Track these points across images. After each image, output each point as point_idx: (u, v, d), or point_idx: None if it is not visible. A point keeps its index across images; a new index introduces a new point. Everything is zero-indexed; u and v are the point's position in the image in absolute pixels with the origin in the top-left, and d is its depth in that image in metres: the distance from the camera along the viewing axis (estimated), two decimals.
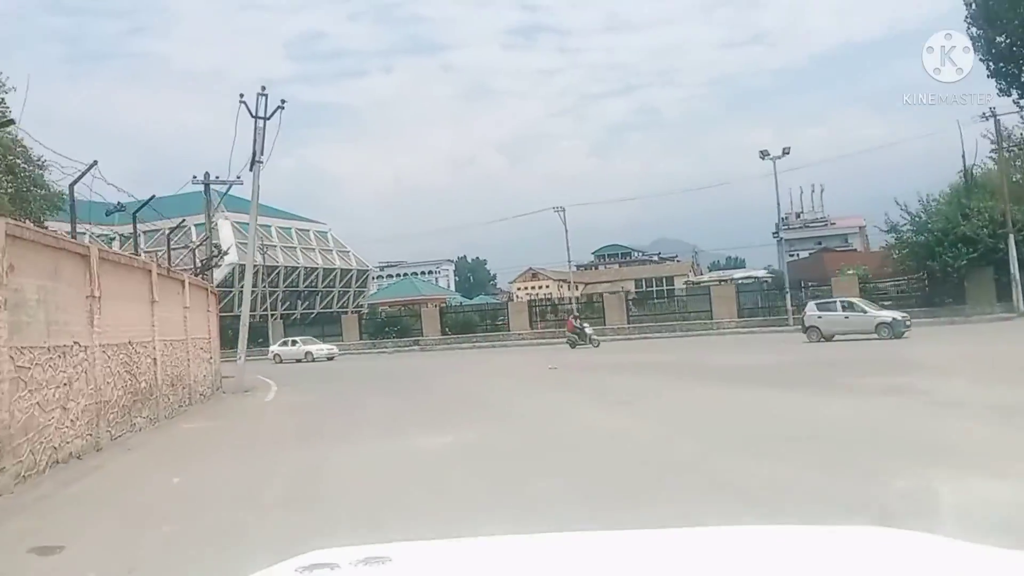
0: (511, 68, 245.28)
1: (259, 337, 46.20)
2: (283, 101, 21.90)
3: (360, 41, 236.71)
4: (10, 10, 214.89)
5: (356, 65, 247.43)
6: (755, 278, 53.35)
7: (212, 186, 28.55)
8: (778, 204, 40.17)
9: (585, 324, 34.95)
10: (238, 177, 26.65)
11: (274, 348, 41.68)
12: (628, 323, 39.37)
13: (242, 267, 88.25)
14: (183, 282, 19.56)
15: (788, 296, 35.87)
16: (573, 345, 34.03)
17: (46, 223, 26.85)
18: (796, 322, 35.15)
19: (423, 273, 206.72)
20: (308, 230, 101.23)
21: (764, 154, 36.71)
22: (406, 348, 40.42)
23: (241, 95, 21.59)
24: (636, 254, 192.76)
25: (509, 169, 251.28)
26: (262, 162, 22.32)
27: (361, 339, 42.12)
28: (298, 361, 39.18)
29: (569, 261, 47.78)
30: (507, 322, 40.90)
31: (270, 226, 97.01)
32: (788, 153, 36.59)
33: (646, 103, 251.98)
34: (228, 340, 48.15)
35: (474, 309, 43.63)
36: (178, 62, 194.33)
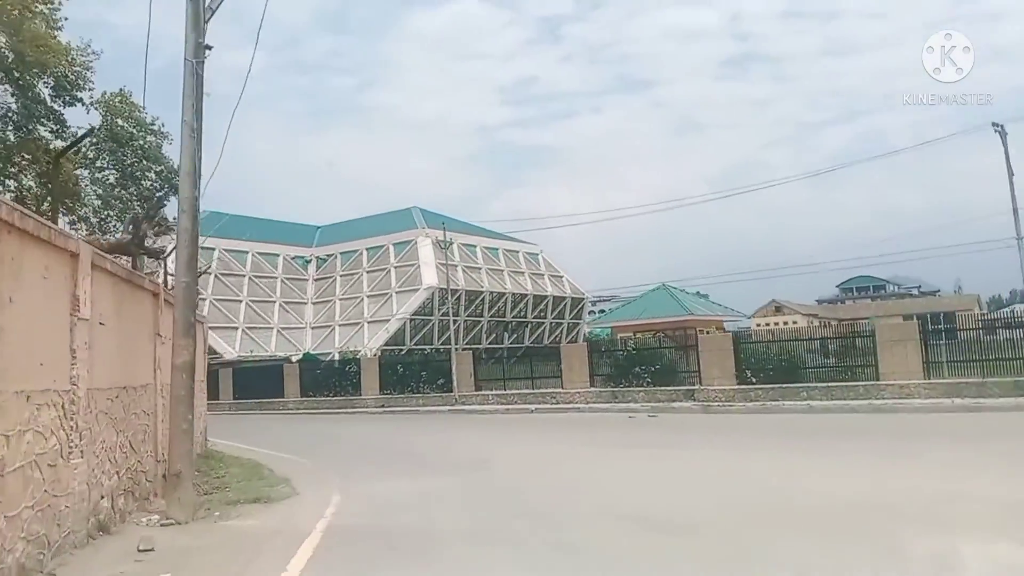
0: (722, 100, 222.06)
1: (439, 377, 30.04)
2: None
3: (571, 83, 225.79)
4: (262, 72, 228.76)
5: (567, 107, 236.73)
6: None
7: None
8: None
9: None
10: None
11: None
12: None
13: (443, 292, 74.62)
14: None
15: None
16: None
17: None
18: None
19: None
20: (517, 251, 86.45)
21: None
22: (674, 404, 22.46)
23: None
24: (892, 287, 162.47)
25: (719, 202, 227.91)
26: None
27: (593, 384, 24.90)
28: None
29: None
30: (874, 362, 20.27)
31: (475, 246, 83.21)
32: None
33: (871, 129, 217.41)
34: (393, 382, 32.60)
35: (797, 337, 24.21)
36: (402, 112, 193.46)
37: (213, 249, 75.13)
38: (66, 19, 24.65)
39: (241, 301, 72.71)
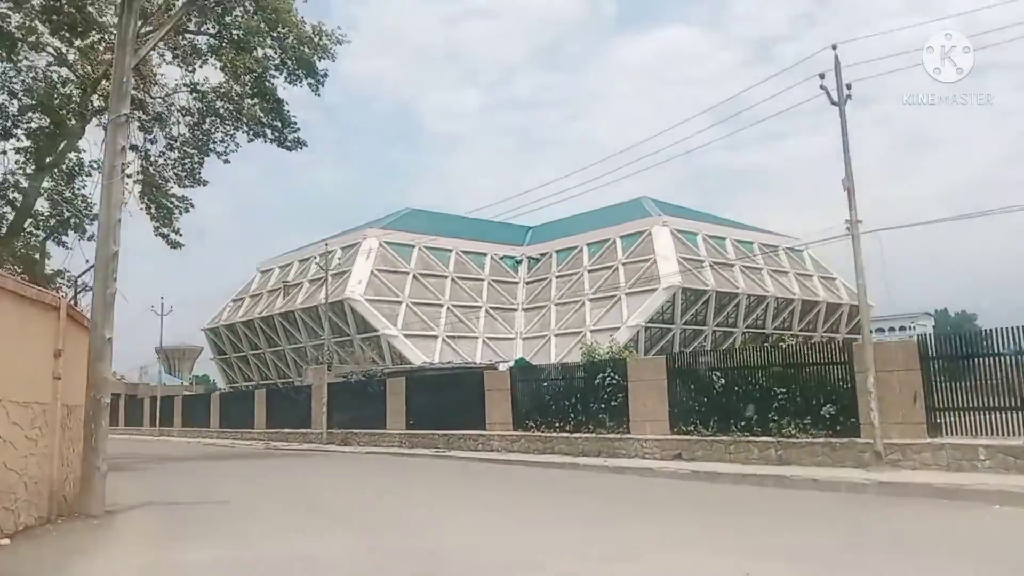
0: (956, 112, 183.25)
1: (820, 398, 12.68)
2: None
3: (785, 103, 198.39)
4: (478, 111, 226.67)
5: (780, 127, 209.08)
6: None
7: None
8: None
9: None
10: None
11: None
12: None
13: (689, 293, 56.85)
14: None
15: None
16: None
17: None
18: None
19: (892, 329, 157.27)
20: (776, 246, 66.79)
21: None
22: None
23: None
24: None
25: (960, 223, 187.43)
26: None
27: None
28: None
29: None
30: None
31: (724, 239, 64.87)
32: None
33: None
34: (704, 408, 15.20)
35: None
36: (608, 141, 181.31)
37: (412, 246, 63.09)
38: None
39: (442, 305, 59.56)
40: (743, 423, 13.97)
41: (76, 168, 20.09)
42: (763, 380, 13.91)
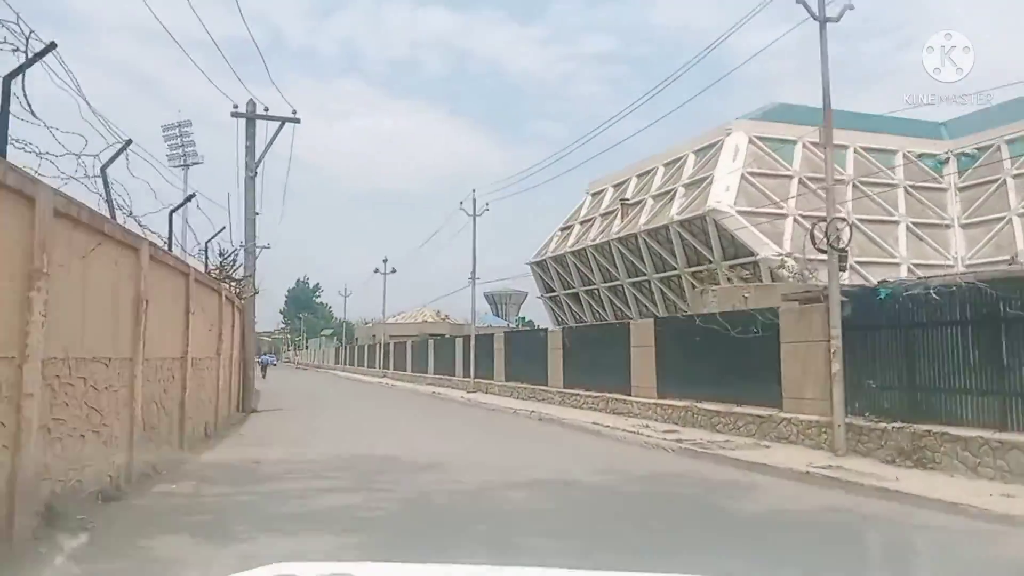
0: None
1: None
2: None
3: None
4: (794, 47, 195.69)
5: None
6: None
7: None
8: None
9: None
10: None
11: None
12: None
13: None
14: None
15: None
16: None
17: None
18: None
19: None
20: None
21: None
22: None
23: None
24: None
25: None
26: None
27: None
28: None
29: None
30: None
31: None
32: None
33: None
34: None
35: None
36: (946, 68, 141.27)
37: (793, 142, 46.07)
38: None
39: (844, 220, 41.90)
40: None
41: None
42: None
